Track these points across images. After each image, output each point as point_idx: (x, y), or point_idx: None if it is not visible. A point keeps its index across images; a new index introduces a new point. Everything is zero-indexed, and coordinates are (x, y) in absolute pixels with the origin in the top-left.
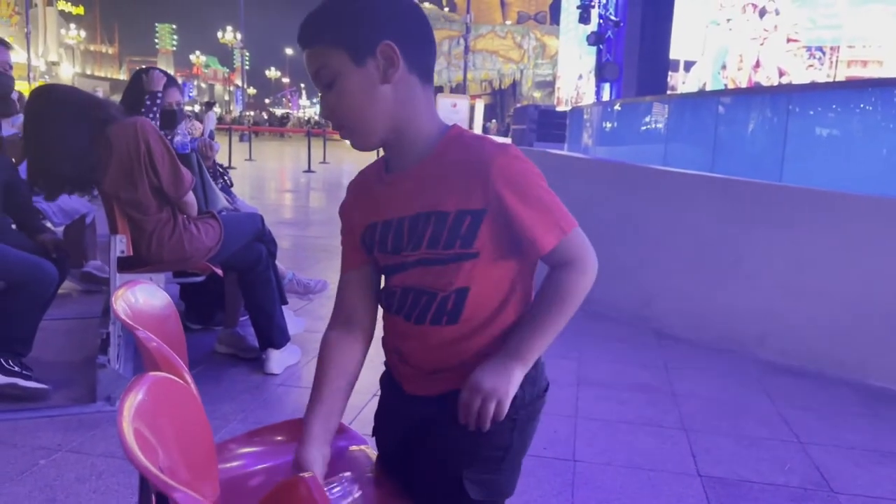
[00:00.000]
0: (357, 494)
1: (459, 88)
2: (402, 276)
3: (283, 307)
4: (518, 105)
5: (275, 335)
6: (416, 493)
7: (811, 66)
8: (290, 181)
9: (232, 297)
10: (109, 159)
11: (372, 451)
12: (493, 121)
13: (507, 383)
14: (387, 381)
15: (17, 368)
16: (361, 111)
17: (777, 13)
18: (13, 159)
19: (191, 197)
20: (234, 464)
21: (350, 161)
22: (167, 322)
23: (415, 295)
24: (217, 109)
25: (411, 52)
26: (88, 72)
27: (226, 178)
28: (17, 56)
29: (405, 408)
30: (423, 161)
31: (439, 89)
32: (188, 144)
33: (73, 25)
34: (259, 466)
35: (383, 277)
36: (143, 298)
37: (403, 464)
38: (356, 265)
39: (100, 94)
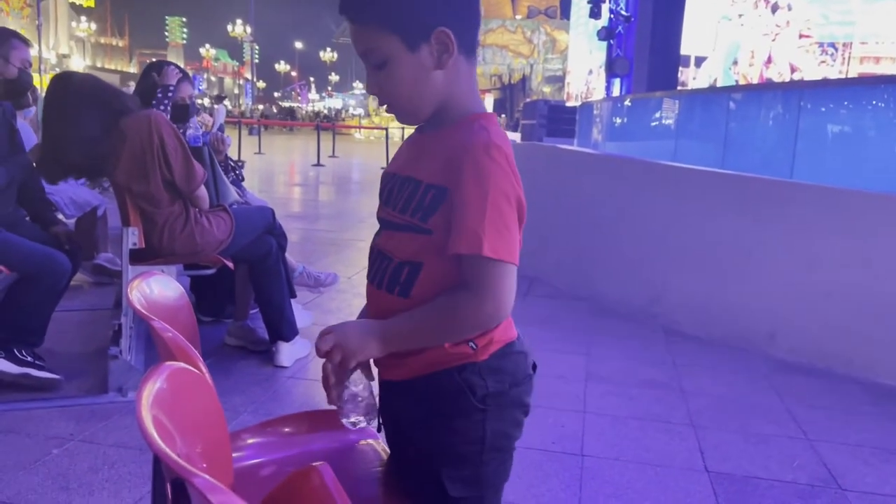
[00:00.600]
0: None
1: None
2: (381, 236)
3: (292, 301)
4: (528, 100)
5: (284, 328)
6: (407, 489)
7: (823, 62)
8: (300, 175)
9: (242, 289)
10: (122, 151)
11: (381, 446)
12: (503, 115)
13: (358, 347)
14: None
15: (30, 359)
16: (411, 94)
17: (789, 9)
18: (34, 162)
19: (202, 191)
20: (247, 454)
21: (359, 155)
22: (181, 313)
23: (381, 258)
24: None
25: (465, 34)
26: (99, 64)
27: (237, 172)
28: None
29: (389, 398)
30: (437, 131)
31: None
32: (200, 138)
33: (83, 18)
34: (271, 457)
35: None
36: (157, 289)
37: (398, 459)
38: None
39: None
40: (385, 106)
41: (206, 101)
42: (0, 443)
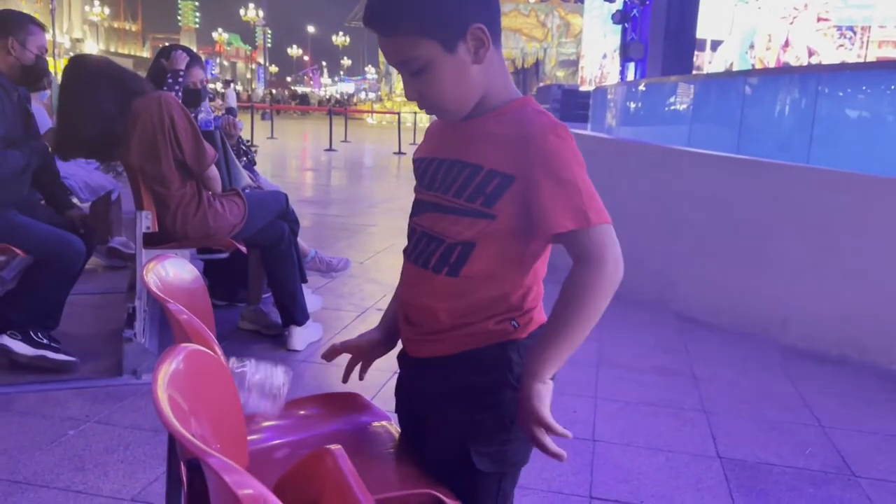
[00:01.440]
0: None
1: None
2: (424, 218)
3: (306, 286)
4: (541, 84)
5: (296, 313)
6: (427, 465)
7: (841, 45)
8: (312, 160)
9: (255, 274)
10: (133, 132)
11: (394, 427)
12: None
13: (533, 411)
14: (400, 354)
15: (45, 341)
16: (455, 94)
17: None
18: (49, 147)
19: (214, 171)
20: (260, 436)
21: (371, 140)
22: (196, 295)
23: (427, 239)
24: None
25: (495, 25)
26: (112, 49)
27: (248, 155)
28: None
29: (414, 377)
30: (481, 117)
31: None
32: (212, 122)
33: (96, 2)
34: (284, 439)
35: (411, 216)
36: (173, 272)
37: (417, 437)
38: None
39: None
40: (426, 108)
41: (219, 86)
42: (17, 424)
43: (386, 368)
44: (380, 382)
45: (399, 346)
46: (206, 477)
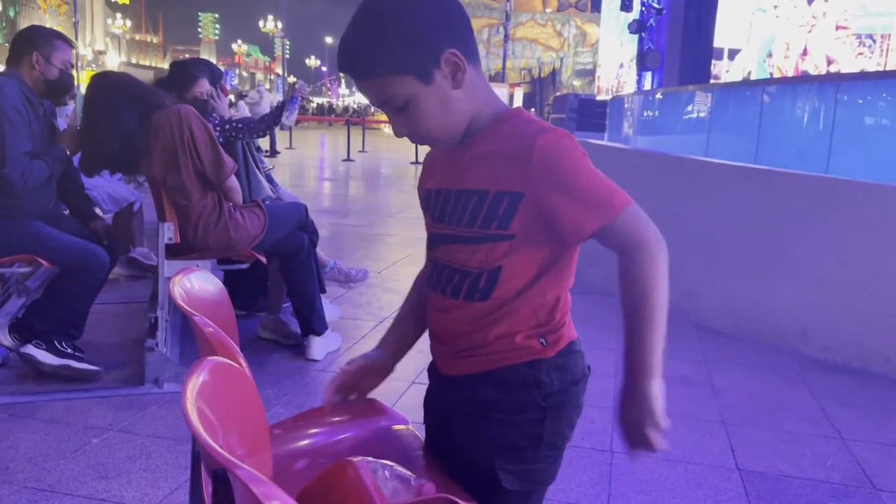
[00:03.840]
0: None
1: (498, 77)
2: (443, 250)
3: (324, 296)
4: (557, 94)
5: (315, 322)
6: (454, 479)
7: (860, 54)
8: (330, 170)
9: (275, 284)
10: (155, 144)
11: (412, 430)
12: (532, 109)
13: (648, 411)
14: (431, 367)
15: (70, 350)
16: (442, 122)
17: (826, 0)
18: (67, 151)
19: (234, 182)
20: (281, 445)
21: (389, 151)
22: (221, 308)
23: (450, 271)
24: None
25: (467, 46)
26: (133, 60)
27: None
28: None
29: (443, 391)
30: (475, 138)
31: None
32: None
33: (119, 15)
34: (305, 448)
35: (428, 248)
36: (198, 284)
37: (443, 450)
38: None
39: None
40: (419, 141)
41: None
42: (42, 432)
43: (403, 378)
44: (397, 392)
45: (422, 357)
46: (234, 488)
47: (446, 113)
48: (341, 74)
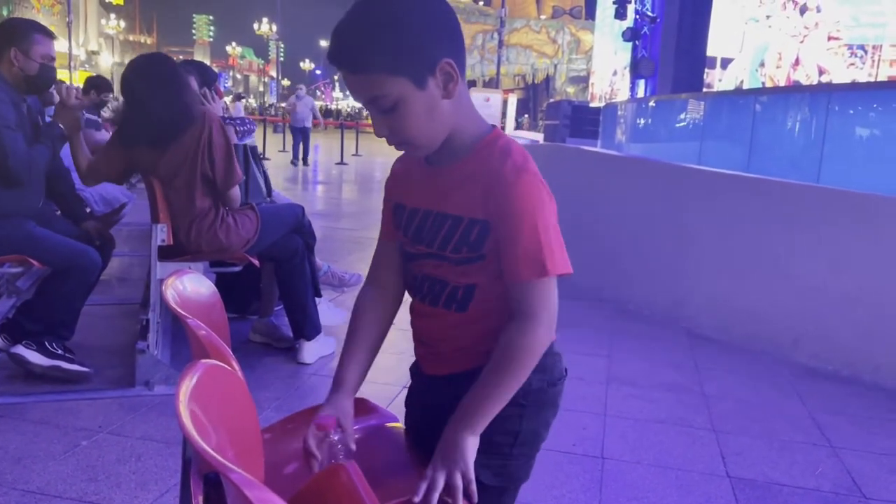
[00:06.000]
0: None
1: (492, 83)
2: (418, 264)
3: (326, 299)
4: (551, 100)
5: (306, 327)
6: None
7: (852, 64)
8: (323, 173)
9: (268, 287)
10: (172, 141)
11: (402, 426)
12: (526, 116)
13: (460, 457)
14: (413, 367)
15: (60, 351)
16: (426, 129)
17: (818, 10)
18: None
19: (236, 191)
20: (273, 450)
21: (383, 154)
22: (213, 310)
23: (430, 283)
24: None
25: (461, 60)
26: (127, 61)
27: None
28: (59, 45)
29: (425, 391)
30: (456, 163)
31: (472, 83)
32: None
33: (112, 15)
34: (298, 452)
35: (404, 261)
36: (190, 287)
37: (426, 447)
38: (390, 237)
39: None
40: (396, 144)
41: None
42: (31, 433)
43: (394, 383)
44: (389, 396)
45: (412, 359)
46: (226, 492)
47: (432, 120)
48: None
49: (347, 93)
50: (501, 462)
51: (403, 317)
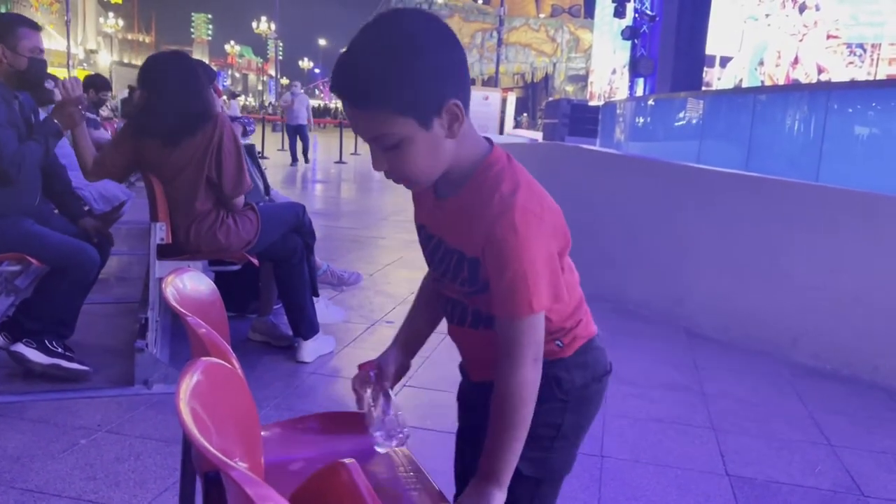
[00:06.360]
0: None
1: (491, 81)
2: (443, 286)
3: (325, 298)
4: (550, 99)
5: (304, 327)
6: (475, 464)
7: (851, 63)
8: (322, 172)
9: (266, 286)
10: (185, 140)
11: (406, 452)
12: (525, 114)
13: None
14: (461, 365)
15: (60, 350)
16: (426, 167)
17: (817, 9)
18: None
19: (241, 199)
20: (274, 450)
21: None
22: (213, 308)
23: (453, 304)
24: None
25: (467, 98)
26: (126, 60)
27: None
28: (57, 43)
29: (469, 392)
30: (454, 195)
31: (471, 82)
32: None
33: (111, 14)
34: (298, 454)
35: (432, 279)
36: (190, 285)
37: (473, 439)
38: None
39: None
40: (395, 180)
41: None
42: (30, 432)
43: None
44: None
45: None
46: (227, 489)
47: (433, 160)
48: None
49: None
50: (543, 455)
51: (398, 314)
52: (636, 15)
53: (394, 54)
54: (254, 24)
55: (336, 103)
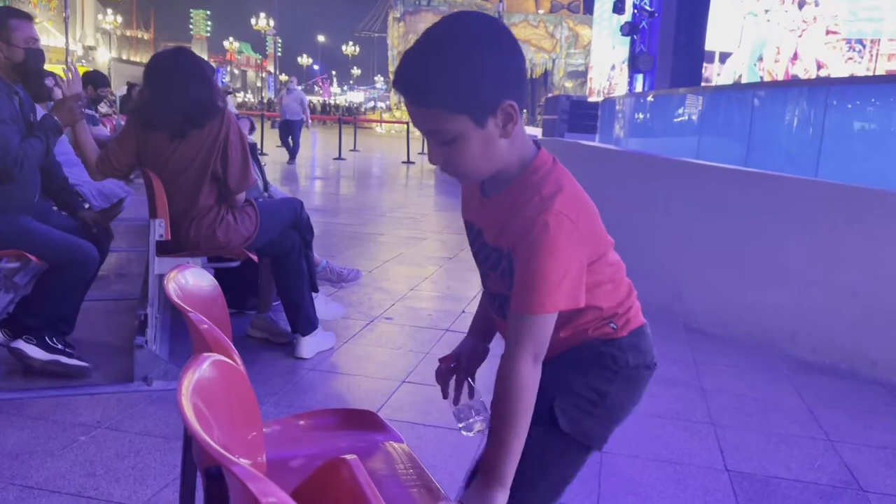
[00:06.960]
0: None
1: None
2: (489, 280)
3: (324, 294)
4: (549, 95)
5: (301, 323)
6: None
7: (850, 59)
8: (321, 168)
9: (265, 282)
10: (190, 137)
11: (406, 449)
12: (524, 111)
13: None
14: None
15: (60, 346)
16: (480, 164)
17: (817, 5)
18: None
19: (242, 195)
20: (276, 447)
21: (380, 150)
22: (214, 304)
23: (501, 299)
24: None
25: (522, 99)
26: (124, 57)
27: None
28: (56, 40)
29: None
30: (499, 194)
31: None
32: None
33: (109, 11)
34: (299, 451)
35: (481, 274)
36: (192, 281)
37: None
38: None
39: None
40: (449, 173)
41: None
42: (30, 429)
43: (392, 377)
44: (387, 392)
45: (409, 359)
46: (229, 485)
47: (486, 157)
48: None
49: (345, 88)
50: (583, 417)
51: (397, 310)
52: (635, 11)
53: (452, 55)
54: (252, 21)
55: (335, 100)
